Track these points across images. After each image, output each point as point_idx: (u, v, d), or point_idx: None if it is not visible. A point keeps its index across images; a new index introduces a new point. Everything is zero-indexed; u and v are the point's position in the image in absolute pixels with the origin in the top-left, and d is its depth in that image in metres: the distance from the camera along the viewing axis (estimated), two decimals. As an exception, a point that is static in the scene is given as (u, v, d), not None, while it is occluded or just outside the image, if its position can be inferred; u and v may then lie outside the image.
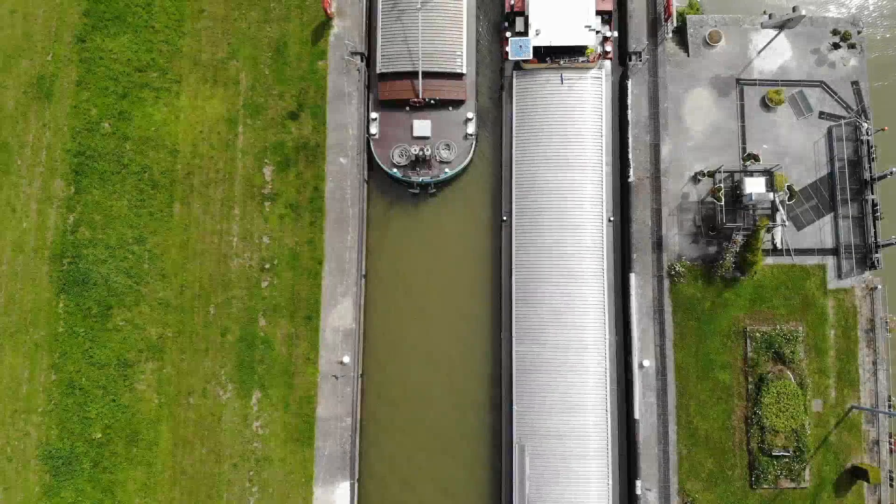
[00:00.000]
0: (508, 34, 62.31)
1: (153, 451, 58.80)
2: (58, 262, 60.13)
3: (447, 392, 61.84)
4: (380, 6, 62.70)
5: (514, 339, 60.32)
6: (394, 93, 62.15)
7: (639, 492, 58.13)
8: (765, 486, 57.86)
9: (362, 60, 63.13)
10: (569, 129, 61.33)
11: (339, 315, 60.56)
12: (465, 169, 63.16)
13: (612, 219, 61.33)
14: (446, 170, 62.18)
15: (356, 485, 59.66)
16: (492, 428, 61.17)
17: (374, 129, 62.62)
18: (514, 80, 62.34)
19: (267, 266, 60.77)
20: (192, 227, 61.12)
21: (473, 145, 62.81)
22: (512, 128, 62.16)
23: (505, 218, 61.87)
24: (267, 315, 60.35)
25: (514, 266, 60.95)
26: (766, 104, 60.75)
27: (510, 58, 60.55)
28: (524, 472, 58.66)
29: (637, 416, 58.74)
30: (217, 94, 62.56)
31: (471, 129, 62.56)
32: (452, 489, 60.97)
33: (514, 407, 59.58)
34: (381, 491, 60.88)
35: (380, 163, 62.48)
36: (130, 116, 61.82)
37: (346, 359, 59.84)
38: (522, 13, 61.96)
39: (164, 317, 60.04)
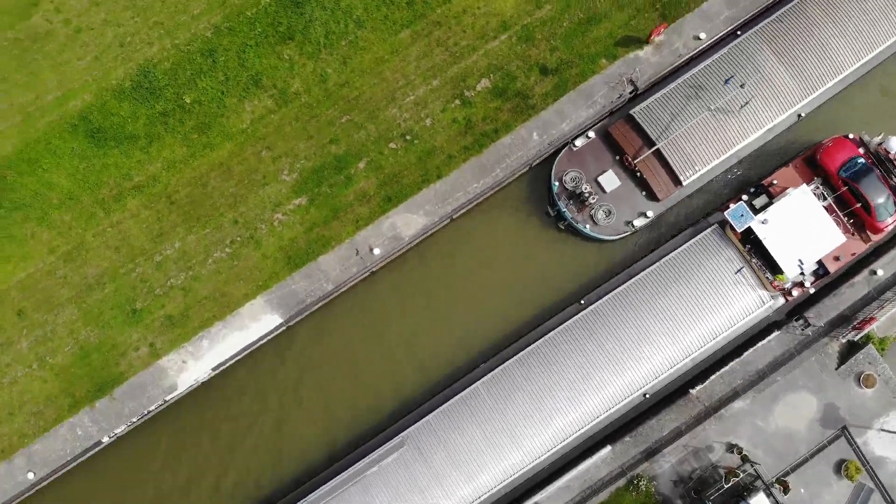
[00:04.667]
0: (745, 196, 59.75)
1: (203, 154, 61.96)
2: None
3: (410, 356, 62.20)
4: (687, 75, 60.79)
5: (486, 377, 59.12)
6: (621, 137, 60.71)
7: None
8: None
9: (630, 93, 61.69)
10: (697, 309, 58.67)
11: (406, 223, 61.24)
12: (596, 240, 61.65)
13: (647, 395, 59.04)
14: (587, 227, 60.88)
15: (283, 328, 61.54)
16: (404, 408, 61.33)
17: (579, 143, 61.66)
18: (706, 231, 59.91)
19: (407, 137, 61.87)
20: (396, 58, 62.42)
21: (624, 235, 61.16)
22: (661, 260, 60.00)
23: (583, 302, 60.34)
24: (369, 163, 61.73)
25: (540, 342, 59.47)
26: (845, 473, 56.21)
27: (724, 212, 58.02)
28: (383, 460, 58.50)
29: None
30: (523, -5, 62.57)
31: (638, 223, 60.78)
32: (341, 416, 61.81)
33: (430, 417, 59.20)
34: (294, 356, 62.25)
35: (553, 168, 61.64)
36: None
37: (378, 251, 60.85)
38: (770, 196, 58.97)
39: (312, 86, 62.30)
